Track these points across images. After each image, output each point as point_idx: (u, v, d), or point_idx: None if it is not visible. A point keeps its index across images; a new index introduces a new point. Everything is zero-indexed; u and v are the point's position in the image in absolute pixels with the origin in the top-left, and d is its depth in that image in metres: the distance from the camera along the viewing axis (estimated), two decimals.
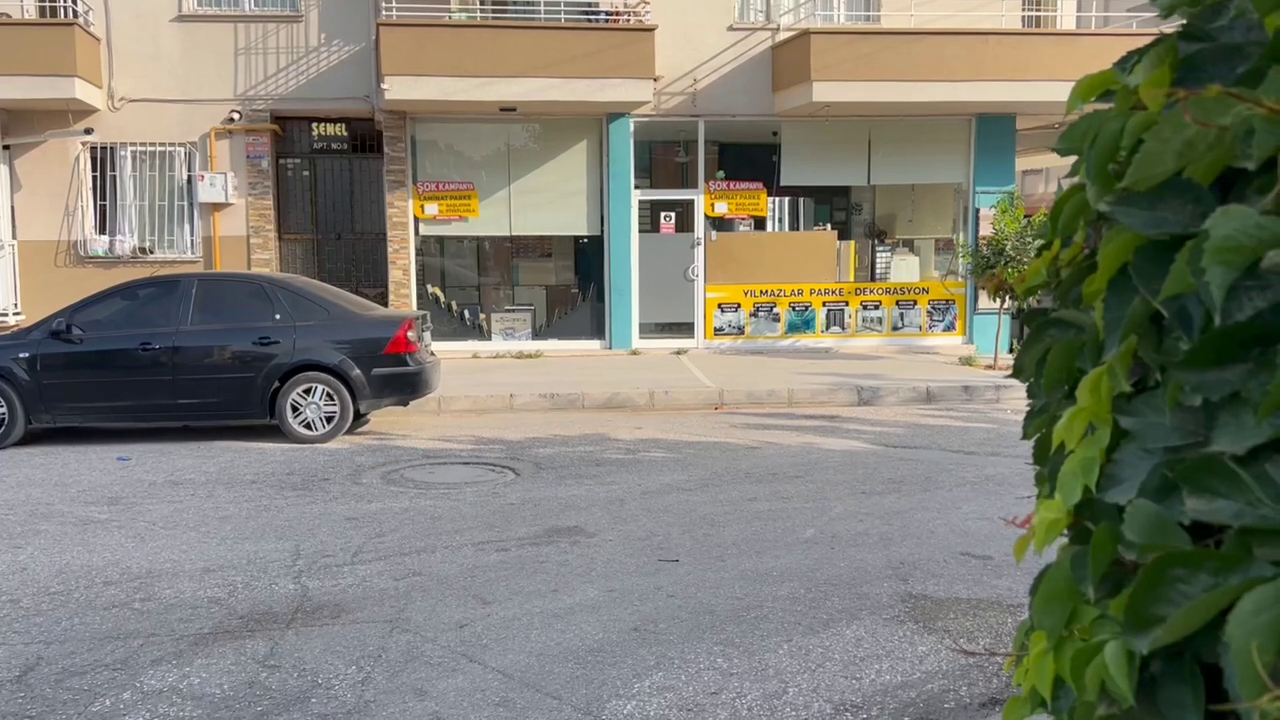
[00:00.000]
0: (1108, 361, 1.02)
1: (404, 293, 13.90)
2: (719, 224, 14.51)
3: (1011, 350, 13.55)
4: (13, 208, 13.54)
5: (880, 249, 14.97)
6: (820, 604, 4.83)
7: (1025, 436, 1.28)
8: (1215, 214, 0.84)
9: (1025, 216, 12.87)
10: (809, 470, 7.76)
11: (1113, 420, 1.02)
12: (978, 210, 14.28)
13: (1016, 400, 11.16)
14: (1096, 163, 1.05)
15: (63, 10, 12.94)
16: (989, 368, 12.74)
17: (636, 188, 14.20)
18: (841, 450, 8.47)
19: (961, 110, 13.87)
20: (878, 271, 14.87)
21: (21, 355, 8.89)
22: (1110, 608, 0.90)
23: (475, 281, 14.84)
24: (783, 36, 13.83)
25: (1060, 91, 13.14)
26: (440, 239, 14.44)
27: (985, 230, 13.64)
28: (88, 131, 13.47)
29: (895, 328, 14.51)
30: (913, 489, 7.13)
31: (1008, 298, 12.72)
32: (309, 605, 4.86)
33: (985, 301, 13.78)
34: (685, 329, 14.43)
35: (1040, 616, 1.00)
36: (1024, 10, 14.71)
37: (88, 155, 13.67)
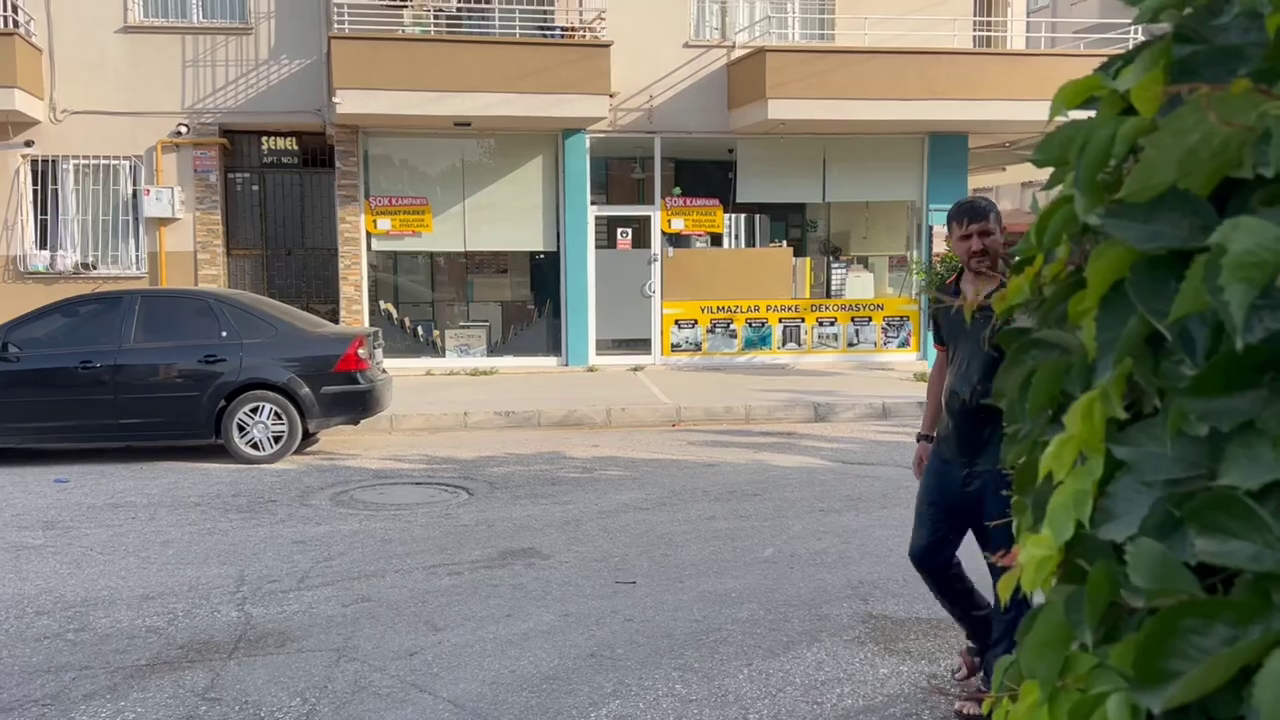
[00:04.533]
0: (1100, 386, 0.94)
1: (356, 309, 13.68)
2: (676, 240, 14.48)
3: None
4: None
5: (835, 266, 15.02)
6: (780, 626, 4.75)
7: (1006, 465, 1.20)
8: (1224, 227, 0.77)
9: None
10: (767, 488, 7.69)
11: (1106, 450, 0.94)
12: (931, 228, 14.39)
13: None
14: (1086, 172, 0.98)
15: (2, 20, 12.60)
16: None
17: (593, 204, 14.13)
18: (799, 467, 8.42)
19: (914, 129, 13.98)
20: (833, 288, 14.92)
21: None
22: (1112, 657, 0.82)
23: (429, 297, 14.65)
24: (738, 54, 13.87)
25: (1011, 111, 13.32)
26: (393, 254, 14.25)
27: (939, 247, 13.73)
28: (28, 144, 13.12)
29: (850, 344, 14.55)
30: (870, 506, 7.09)
31: None
32: (252, 634, 4.68)
33: None
34: (642, 345, 14.35)
35: (1032, 663, 0.92)
36: (975, 30, 14.90)
37: (28, 168, 13.30)
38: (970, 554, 4.05)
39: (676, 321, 14.31)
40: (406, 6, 13.31)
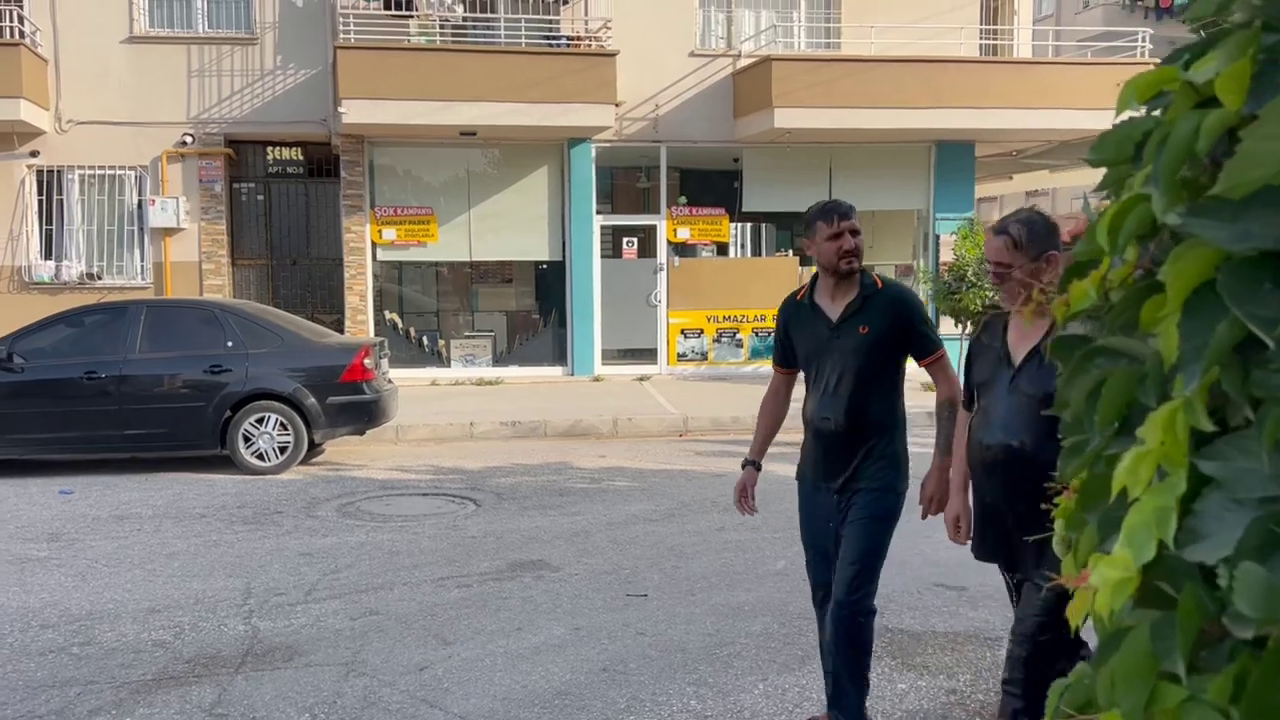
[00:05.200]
0: (1184, 396, 0.88)
1: (361, 319, 13.63)
2: (681, 249, 14.43)
3: None
4: None
5: None
6: (795, 640, 4.67)
7: (1064, 478, 1.14)
8: None
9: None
10: (777, 499, 7.59)
11: (1190, 464, 0.88)
12: (938, 236, 14.34)
13: None
14: (1166, 170, 0.92)
15: (8, 30, 12.59)
16: None
17: (598, 213, 14.09)
18: None
19: (921, 137, 13.94)
20: None
21: None
22: (1211, 693, 0.76)
23: (434, 307, 14.61)
24: (744, 63, 13.84)
25: (1017, 119, 13.28)
26: (398, 264, 14.21)
27: (946, 256, 13.67)
28: (33, 154, 13.10)
29: None
30: None
31: (968, 323, 12.73)
32: (260, 648, 4.62)
33: (947, 327, 13.79)
34: (648, 355, 14.29)
35: (1116, 693, 0.86)
36: (982, 39, 14.87)
37: (33, 178, 13.28)
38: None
39: (682, 331, 14.25)
40: (412, 16, 13.29)
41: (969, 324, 12.74)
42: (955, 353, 12.65)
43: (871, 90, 12.92)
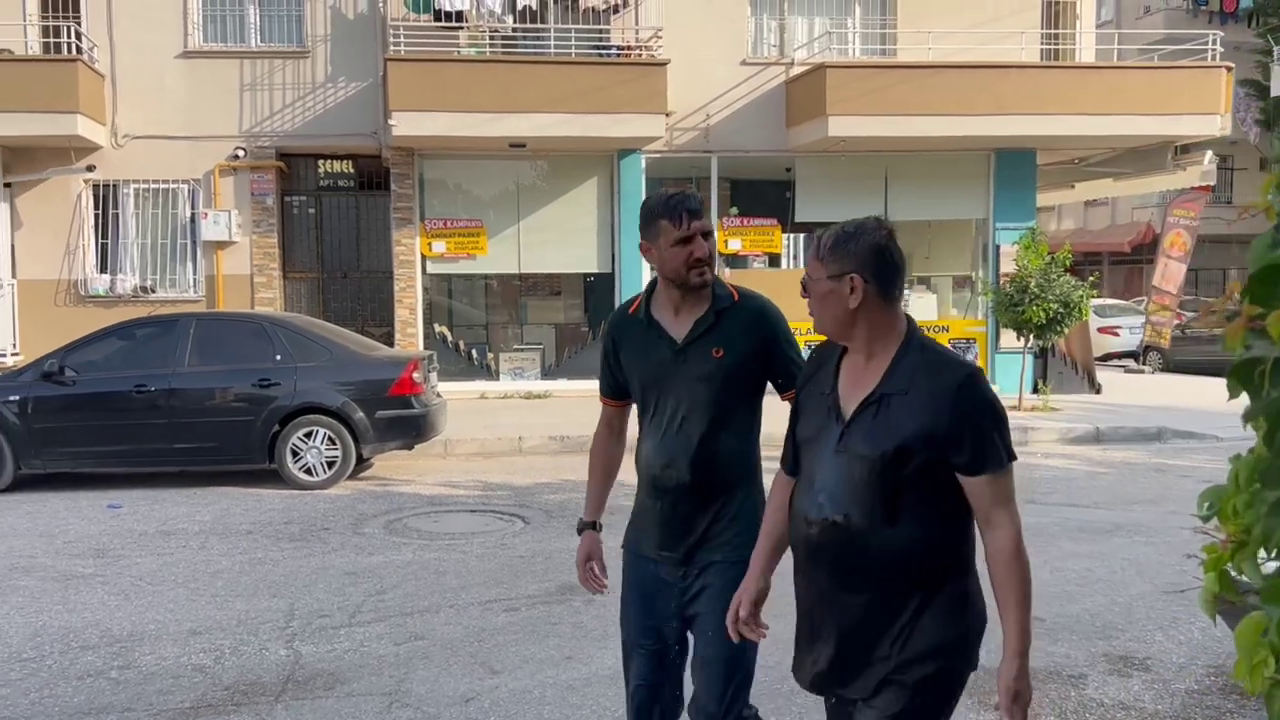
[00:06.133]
0: None
1: (410, 332, 13.57)
2: (732, 261, 14.18)
3: (1036, 390, 13.14)
4: (13, 246, 13.28)
5: None
6: None
7: (1275, 543, 0.89)
8: None
9: (1049, 253, 12.50)
10: None
11: None
12: (998, 247, 13.93)
13: (1046, 443, 10.74)
14: None
15: (66, 46, 12.75)
16: (1013, 409, 12.30)
17: None
18: None
19: (980, 145, 13.57)
20: None
21: (11, 398, 8.53)
22: None
23: (483, 320, 14.51)
24: (797, 71, 13.58)
25: (1081, 125, 12.87)
26: (447, 277, 14.14)
27: (1007, 267, 13.26)
28: (90, 169, 13.23)
29: None
30: None
31: (1030, 336, 12.32)
32: (301, 674, 4.45)
33: (1010, 340, 13.38)
34: None
35: None
36: (1042, 44, 14.45)
37: (90, 193, 13.42)
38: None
39: None
40: (462, 28, 13.24)
41: (1030, 337, 12.34)
42: (1016, 368, 12.18)
43: (929, 97, 12.60)
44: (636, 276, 13.72)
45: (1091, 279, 12.79)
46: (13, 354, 13.01)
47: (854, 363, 2.26)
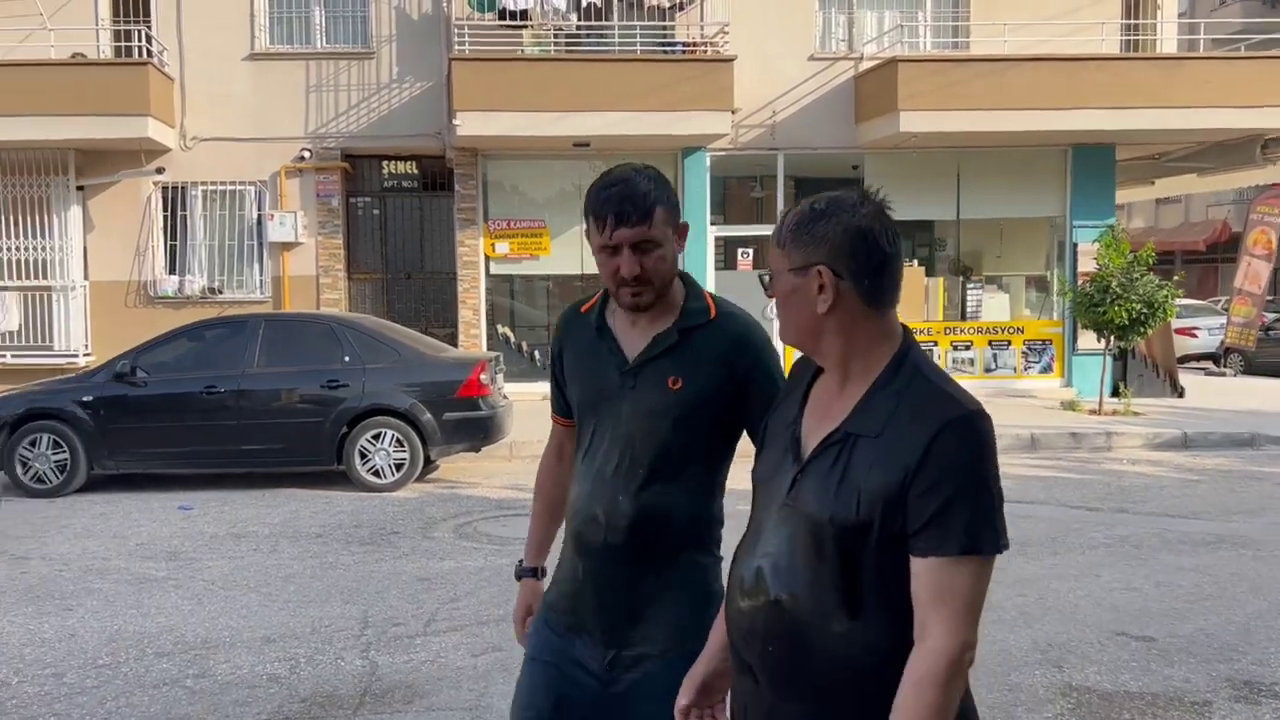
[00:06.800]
0: None
1: (474, 333, 13.50)
2: None
3: (1116, 393, 12.66)
4: (85, 248, 13.46)
5: (971, 286, 14.18)
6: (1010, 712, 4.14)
7: None
8: None
9: (1130, 251, 12.04)
10: None
11: None
12: (1075, 245, 13.47)
13: (1131, 449, 10.32)
14: None
15: (137, 50, 12.88)
16: (1093, 412, 11.87)
17: (712, 224, 13.68)
18: None
19: (1057, 140, 13.13)
20: (968, 310, 14.09)
21: (84, 399, 8.58)
22: None
23: (545, 321, 14.38)
24: (866, 66, 13.26)
25: (1163, 119, 12.38)
26: (510, 278, 14.04)
27: (1087, 266, 12.81)
28: (159, 171, 13.36)
29: (988, 369, 13.69)
30: (1039, 551, 6.39)
31: (1112, 338, 11.88)
32: (378, 687, 4.32)
33: (1088, 341, 12.93)
34: None
35: None
36: (1122, 35, 13.96)
37: (159, 195, 13.55)
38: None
39: None
40: (526, 26, 13.13)
41: (1112, 338, 11.89)
42: (1094, 370, 11.78)
43: (1004, 91, 12.20)
44: (700, 277, 13.50)
45: (1177, 278, 12.30)
46: (85, 355, 13.17)
47: (826, 387, 1.68)
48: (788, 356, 3.25)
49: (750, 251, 13.91)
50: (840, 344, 1.62)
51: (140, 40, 12.84)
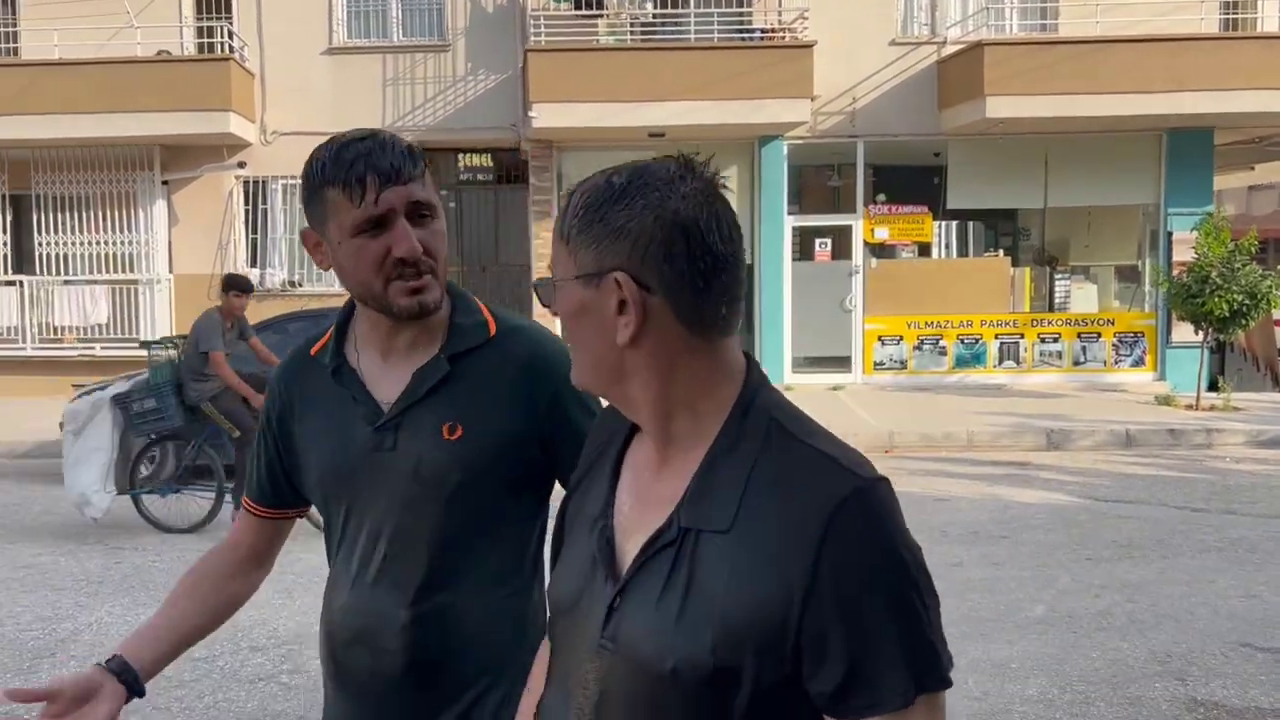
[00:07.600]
0: None
1: (548, 325, 13.47)
2: (879, 250, 13.61)
3: (1214, 388, 12.15)
4: (170, 242, 13.73)
5: (1059, 277, 13.74)
6: (1083, 711, 3.94)
7: None
8: None
9: (1231, 240, 11.53)
10: (1014, 529, 6.81)
11: None
12: (1170, 234, 12.96)
13: (1234, 446, 9.88)
14: None
15: (219, 46, 13.08)
16: (1190, 408, 11.40)
17: (789, 214, 13.45)
18: (1044, 504, 7.47)
19: (1152, 124, 12.62)
20: (1056, 301, 13.66)
21: None
22: None
23: None
24: (950, 50, 12.90)
25: (1266, 101, 11.81)
26: None
27: (1183, 255, 12.30)
28: (241, 165, 13.57)
29: (1076, 362, 13.26)
30: (1147, 555, 6.11)
31: (1210, 330, 11.39)
32: None
33: (1183, 334, 12.43)
34: (842, 363, 13.52)
35: None
36: (1221, 14, 13.37)
37: (240, 189, 13.76)
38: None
39: (879, 338, 13.41)
40: (601, 16, 13.04)
41: (1210, 331, 11.40)
42: (1190, 364, 11.35)
43: (1096, 74, 11.76)
44: (777, 268, 13.29)
45: (1279, 267, 11.76)
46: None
47: (643, 454, 1.14)
48: None
49: (829, 242, 13.66)
50: (655, 389, 1.07)
51: (222, 36, 13.04)
